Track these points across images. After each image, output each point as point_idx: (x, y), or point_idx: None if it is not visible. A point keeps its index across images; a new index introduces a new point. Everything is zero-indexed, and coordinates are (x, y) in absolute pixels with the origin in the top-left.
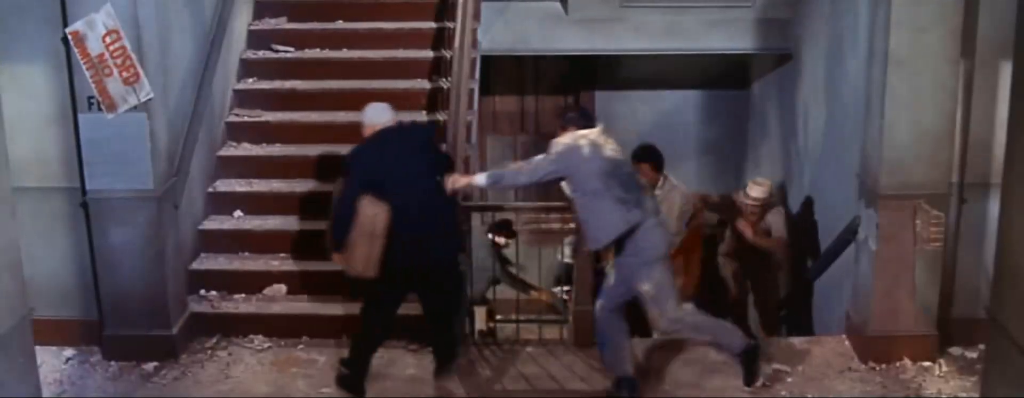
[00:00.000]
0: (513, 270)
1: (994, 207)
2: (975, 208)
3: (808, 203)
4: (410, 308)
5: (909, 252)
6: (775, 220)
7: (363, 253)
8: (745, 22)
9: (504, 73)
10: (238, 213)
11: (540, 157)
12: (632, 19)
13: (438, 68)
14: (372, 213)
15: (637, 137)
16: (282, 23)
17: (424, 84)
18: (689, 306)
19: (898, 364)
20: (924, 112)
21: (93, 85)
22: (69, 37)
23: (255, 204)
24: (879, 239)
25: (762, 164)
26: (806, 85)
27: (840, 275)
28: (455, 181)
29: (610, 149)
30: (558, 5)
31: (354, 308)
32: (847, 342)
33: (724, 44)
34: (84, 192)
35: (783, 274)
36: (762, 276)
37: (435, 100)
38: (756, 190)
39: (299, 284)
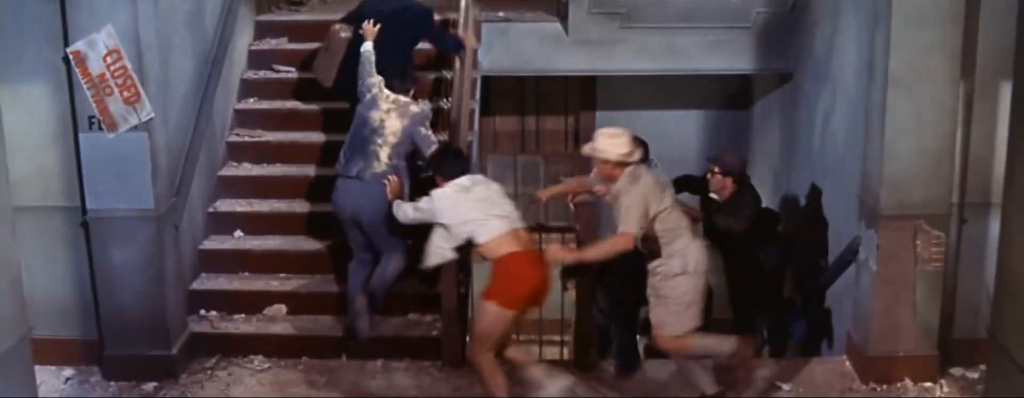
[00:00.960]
0: None
1: (995, 227)
2: (975, 228)
3: (808, 222)
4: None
5: (910, 272)
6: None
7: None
8: (745, 43)
9: (505, 93)
10: (238, 233)
11: None
12: (633, 40)
13: (439, 88)
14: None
15: None
16: (283, 43)
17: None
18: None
19: (899, 385)
20: (924, 132)
21: (94, 104)
22: (70, 56)
23: (255, 224)
24: (880, 259)
25: (764, 183)
26: (806, 105)
27: (841, 295)
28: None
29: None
30: (559, 26)
31: None
32: (848, 363)
33: (724, 64)
34: (84, 211)
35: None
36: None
37: (436, 120)
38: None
39: (299, 304)
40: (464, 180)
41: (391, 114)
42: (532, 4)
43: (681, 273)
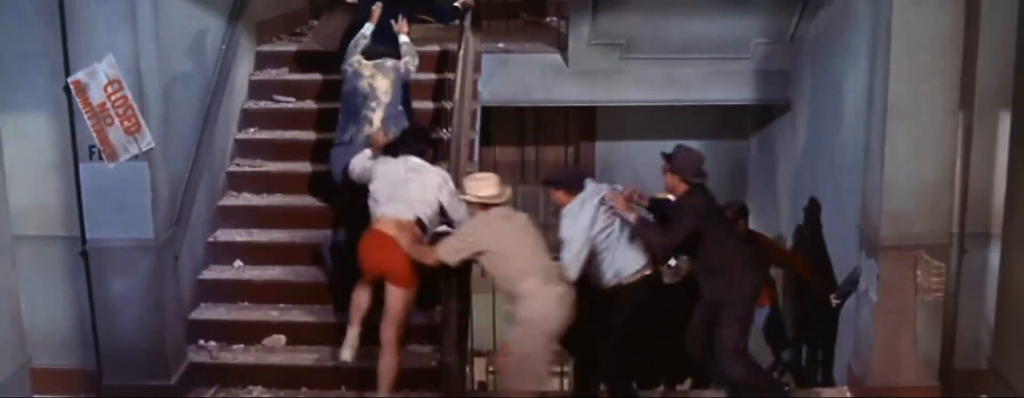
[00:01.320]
0: None
1: (995, 257)
2: (976, 258)
3: (809, 252)
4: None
5: (910, 303)
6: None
7: None
8: (744, 74)
9: (505, 123)
10: (238, 263)
11: None
12: (632, 71)
13: (439, 118)
14: None
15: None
16: (283, 74)
17: None
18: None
19: None
20: (924, 163)
21: (94, 134)
22: (71, 86)
23: (255, 254)
24: (880, 290)
25: (763, 214)
26: (805, 135)
27: (842, 327)
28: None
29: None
30: (559, 57)
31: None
32: (849, 394)
33: (723, 95)
34: (84, 241)
35: None
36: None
37: (436, 150)
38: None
39: (299, 335)
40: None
41: (376, 76)
42: (532, 35)
43: (519, 322)
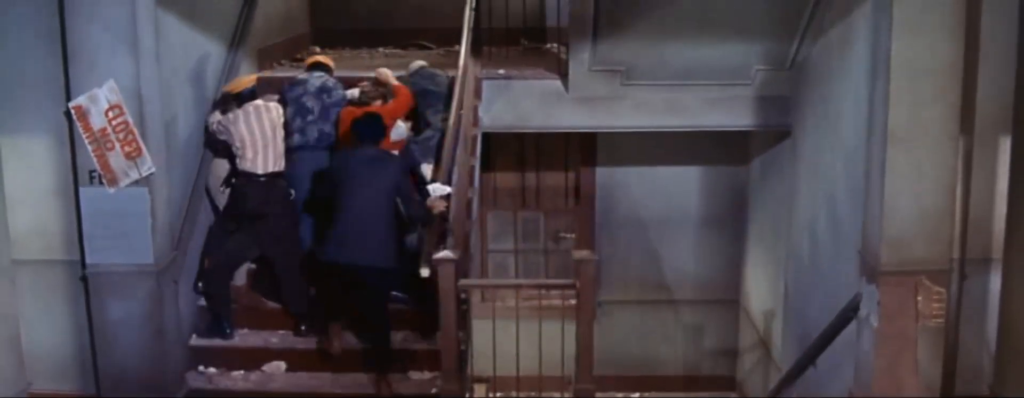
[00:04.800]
0: None
1: (996, 283)
2: (976, 284)
3: (809, 280)
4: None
5: (911, 329)
6: None
7: None
8: (744, 99)
9: (505, 149)
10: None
11: None
12: (633, 97)
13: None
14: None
15: (637, 211)
16: None
17: None
18: None
19: None
20: (924, 188)
21: (95, 159)
22: (72, 111)
23: (255, 280)
24: (881, 316)
25: (763, 239)
26: (805, 161)
27: (842, 354)
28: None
29: None
30: (559, 83)
31: (353, 385)
32: None
33: (724, 121)
34: (84, 265)
35: None
36: None
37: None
38: None
39: (298, 361)
40: None
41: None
42: (532, 61)
43: None
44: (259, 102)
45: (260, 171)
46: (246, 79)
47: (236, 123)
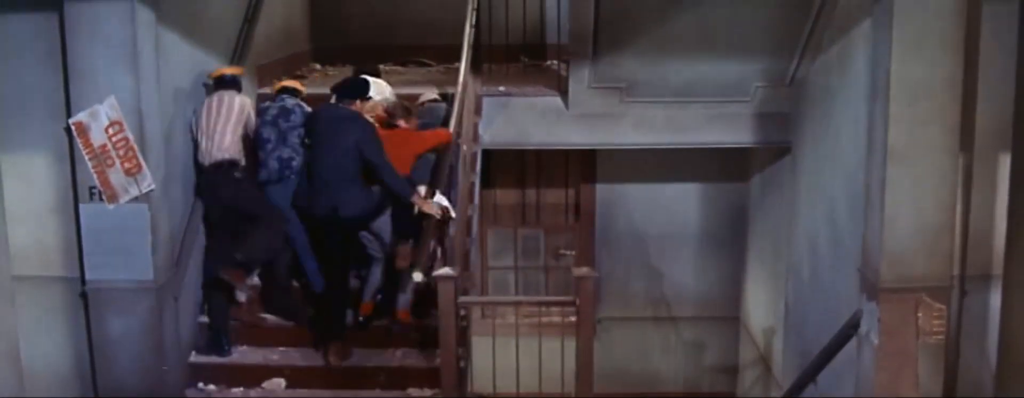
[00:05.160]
0: None
1: (996, 299)
2: (977, 301)
3: (810, 296)
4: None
5: (912, 346)
6: None
7: None
8: (744, 116)
9: (506, 166)
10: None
11: None
12: (633, 114)
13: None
14: None
15: (637, 228)
16: None
17: None
18: None
19: None
20: (924, 205)
21: (95, 175)
22: (72, 127)
23: (255, 296)
24: (881, 333)
25: (763, 256)
26: (805, 178)
27: (843, 371)
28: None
29: None
30: (559, 100)
31: None
32: None
33: (724, 138)
34: (83, 282)
35: None
36: None
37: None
38: None
39: (298, 378)
40: None
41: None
42: (532, 78)
43: None
44: (225, 92)
45: (206, 161)
46: (230, 68)
47: (198, 113)
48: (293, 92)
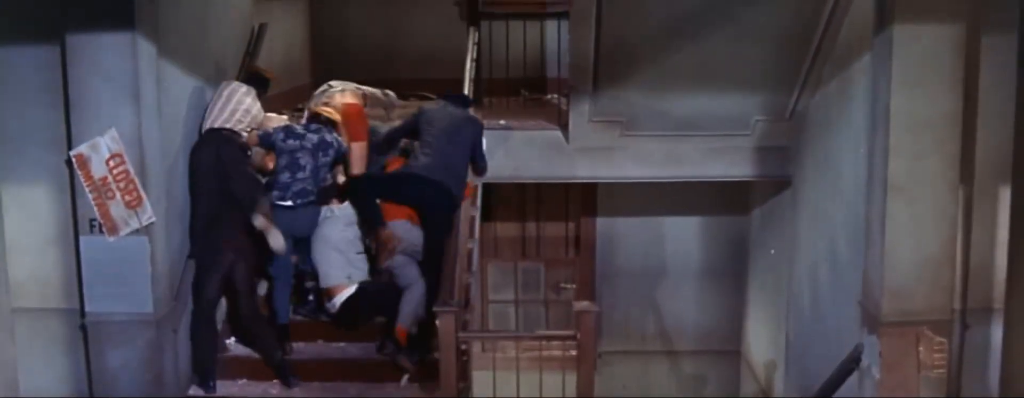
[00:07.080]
0: None
1: (997, 332)
2: (978, 334)
3: (810, 328)
4: None
5: (913, 379)
6: None
7: None
8: (744, 150)
9: (506, 199)
10: (233, 339)
11: None
12: (633, 147)
13: None
14: None
15: (638, 261)
16: None
17: None
18: None
19: None
20: (925, 238)
21: (95, 207)
22: (73, 159)
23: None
24: (882, 366)
25: (764, 290)
26: (805, 211)
27: None
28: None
29: None
30: (559, 134)
31: None
32: None
33: (724, 171)
34: (83, 314)
35: None
36: None
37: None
38: None
39: None
40: None
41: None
42: (533, 112)
43: None
44: (237, 84)
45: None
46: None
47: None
48: (329, 123)
